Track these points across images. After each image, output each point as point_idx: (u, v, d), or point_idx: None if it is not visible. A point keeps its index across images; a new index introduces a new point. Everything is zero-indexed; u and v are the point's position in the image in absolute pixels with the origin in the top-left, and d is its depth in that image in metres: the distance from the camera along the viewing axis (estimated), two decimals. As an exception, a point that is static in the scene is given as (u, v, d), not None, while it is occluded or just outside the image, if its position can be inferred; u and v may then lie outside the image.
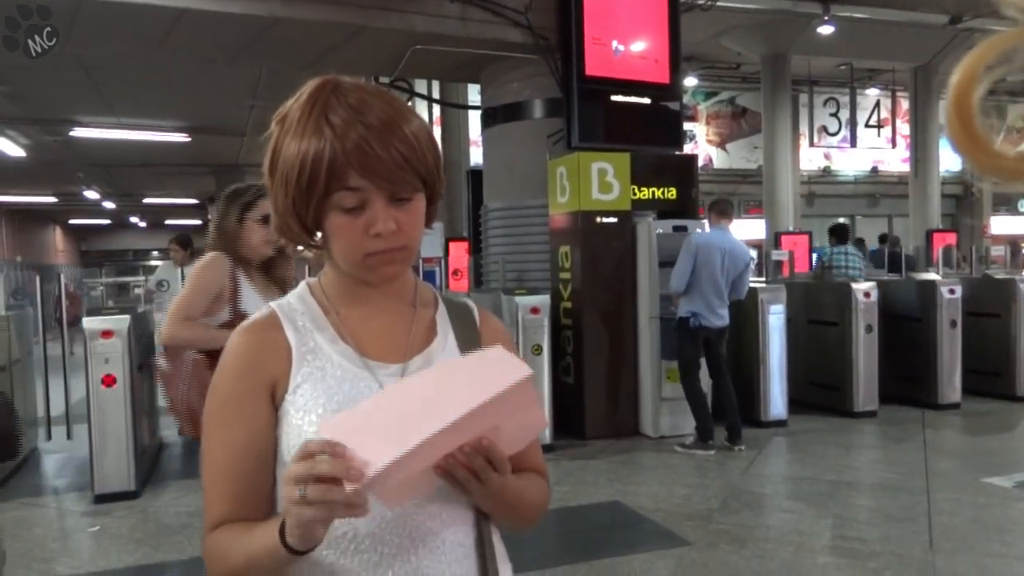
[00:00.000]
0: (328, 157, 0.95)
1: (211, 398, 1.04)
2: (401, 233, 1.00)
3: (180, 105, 10.82)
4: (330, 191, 0.96)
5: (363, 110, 0.97)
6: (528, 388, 0.87)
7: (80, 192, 19.86)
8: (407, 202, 1.00)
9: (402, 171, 0.97)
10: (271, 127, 1.04)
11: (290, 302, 1.10)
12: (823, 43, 13.15)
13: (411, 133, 0.99)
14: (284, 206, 1.01)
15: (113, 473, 5.01)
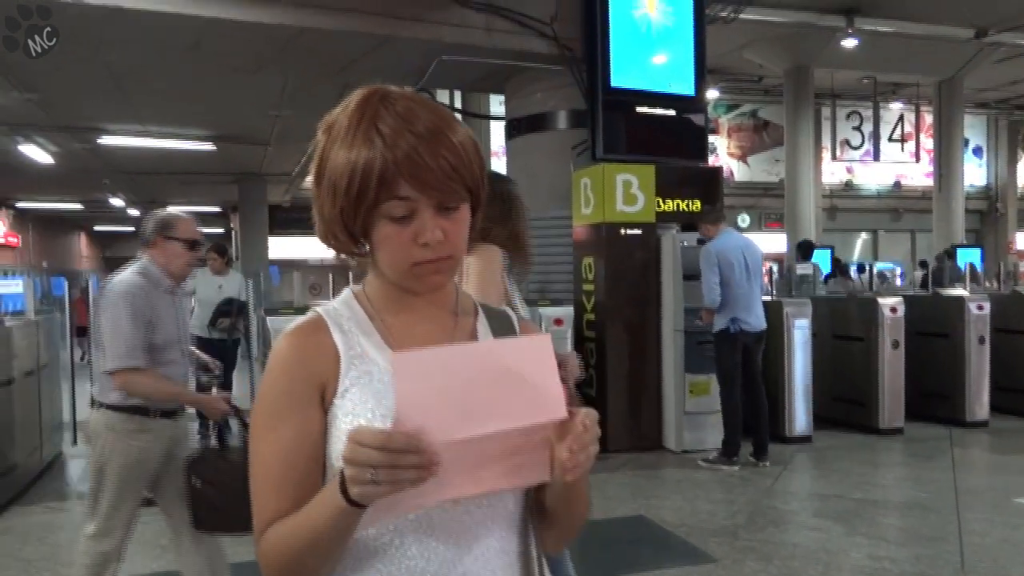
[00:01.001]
0: (379, 166, 0.95)
1: (261, 400, 1.03)
2: (448, 242, 1.00)
3: (206, 114, 10.92)
4: (379, 200, 0.97)
5: (411, 119, 0.97)
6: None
7: (106, 199, 20.09)
8: (454, 212, 1.00)
9: (450, 181, 0.98)
10: (317, 136, 1.04)
11: (335, 307, 1.10)
12: (846, 56, 13.07)
13: (458, 142, 1.00)
14: (331, 215, 1.01)
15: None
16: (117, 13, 5.47)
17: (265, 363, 1.11)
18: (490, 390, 0.84)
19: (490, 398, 0.83)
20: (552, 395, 0.86)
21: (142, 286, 2.96)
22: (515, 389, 0.84)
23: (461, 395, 0.83)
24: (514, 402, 0.85)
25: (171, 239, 3.06)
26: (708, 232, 5.86)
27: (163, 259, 3.05)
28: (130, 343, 2.85)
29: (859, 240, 22.22)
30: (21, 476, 5.45)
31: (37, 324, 5.99)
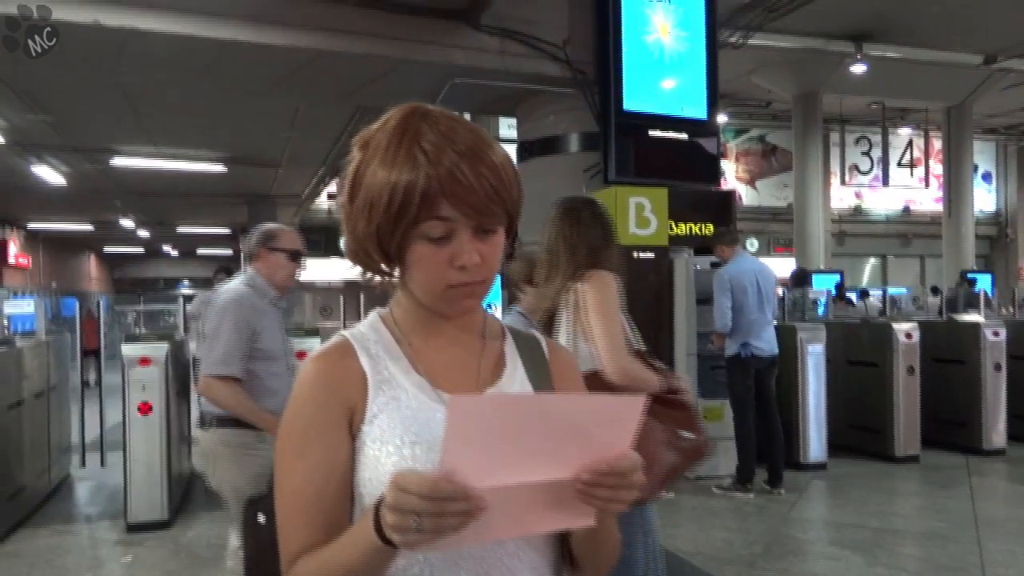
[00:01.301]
0: (421, 184, 0.93)
1: (288, 426, 1.01)
2: (484, 266, 0.98)
3: (217, 136, 10.98)
4: (419, 219, 0.95)
5: (453, 137, 0.96)
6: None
7: (116, 220, 20.19)
8: (491, 235, 0.99)
9: (491, 202, 0.96)
10: (352, 153, 1.02)
11: (362, 331, 1.08)
12: (855, 82, 13.12)
13: (499, 163, 0.98)
14: (366, 233, 0.99)
15: (146, 502, 4.99)
16: (132, 35, 5.51)
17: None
18: (549, 441, 0.81)
19: (548, 448, 0.82)
20: (617, 449, 0.84)
21: (248, 296, 2.97)
22: (579, 442, 0.83)
23: (515, 442, 0.80)
24: (573, 453, 0.83)
25: (274, 250, 3.07)
26: (723, 253, 5.82)
27: (267, 270, 3.07)
28: (228, 351, 2.84)
29: (868, 265, 22.18)
30: (29, 498, 5.41)
31: (48, 345, 5.98)
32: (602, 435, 0.84)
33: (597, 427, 0.83)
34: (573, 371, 1.17)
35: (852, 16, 10.72)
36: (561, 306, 2.54)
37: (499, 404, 0.83)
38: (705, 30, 7.02)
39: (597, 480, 0.84)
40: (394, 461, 0.95)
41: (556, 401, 0.88)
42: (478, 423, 0.79)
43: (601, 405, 0.85)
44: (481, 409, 0.80)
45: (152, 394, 4.96)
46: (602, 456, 0.83)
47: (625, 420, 0.84)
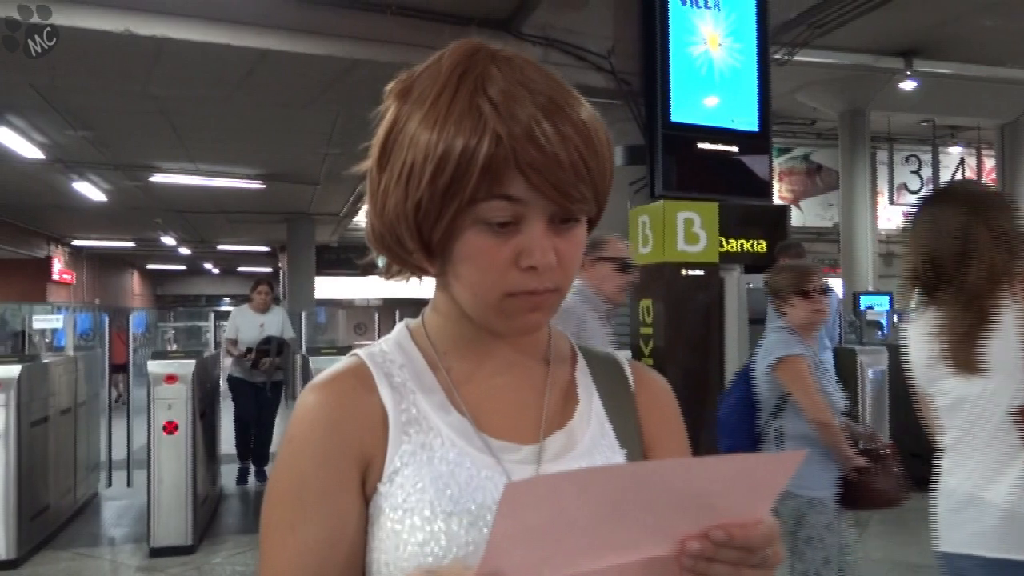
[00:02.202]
0: (486, 148, 0.66)
1: (277, 483, 0.73)
2: (559, 270, 0.71)
3: (255, 152, 10.92)
4: (476, 198, 0.67)
5: (531, 86, 0.68)
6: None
7: (157, 238, 20.37)
8: (571, 227, 0.71)
9: (579, 179, 0.68)
10: (385, 103, 0.75)
11: (384, 350, 0.80)
12: (904, 99, 12.72)
13: (589, 124, 0.70)
14: (399, 212, 0.71)
15: (170, 526, 4.79)
16: (166, 44, 5.39)
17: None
18: (650, 514, 0.57)
19: (646, 522, 0.57)
20: (747, 515, 0.58)
21: (579, 307, 2.80)
22: (694, 512, 0.57)
23: (597, 523, 0.56)
24: (683, 524, 0.58)
25: (601, 260, 2.91)
26: None
27: (595, 281, 2.91)
28: None
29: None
30: (53, 518, 5.24)
31: (76, 361, 5.84)
32: (729, 502, 0.57)
33: (725, 494, 0.57)
34: (666, 403, 0.88)
35: (901, 31, 10.37)
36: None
37: (581, 481, 0.56)
38: (756, 39, 6.73)
39: (711, 553, 0.58)
40: (421, 540, 0.68)
41: (669, 469, 0.59)
42: (548, 510, 0.53)
43: (741, 467, 0.58)
44: (554, 492, 0.54)
45: (178, 413, 4.77)
46: (723, 523, 0.58)
47: (769, 483, 0.57)
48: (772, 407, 2.88)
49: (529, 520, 0.54)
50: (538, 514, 0.54)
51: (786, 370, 2.82)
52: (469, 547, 0.68)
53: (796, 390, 2.80)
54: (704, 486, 0.56)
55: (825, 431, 2.77)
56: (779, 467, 0.57)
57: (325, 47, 5.71)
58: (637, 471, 0.58)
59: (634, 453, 0.81)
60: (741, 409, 2.95)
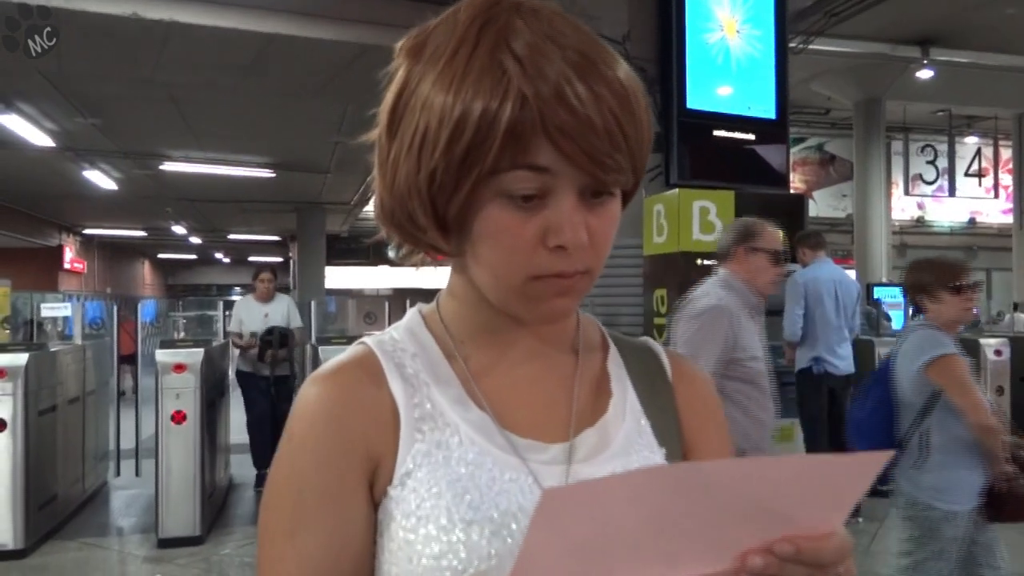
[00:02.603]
0: (509, 112, 0.57)
1: (275, 486, 0.65)
2: (591, 249, 0.62)
3: (265, 141, 10.88)
4: (499, 168, 0.59)
5: (560, 41, 0.60)
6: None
7: (168, 227, 20.39)
8: (605, 201, 0.63)
9: (614, 147, 0.59)
10: (395, 61, 0.67)
11: (394, 337, 0.72)
12: (920, 88, 12.61)
13: (626, 83, 0.61)
14: (410, 184, 0.63)
15: (179, 517, 4.74)
16: (173, 29, 5.32)
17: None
18: (705, 523, 0.49)
19: (701, 532, 0.50)
20: (819, 526, 0.50)
21: (729, 301, 2.62)
22: (757, 521, 0.50)
23: (644, 531, 0.49)
24: (743, 536, 0.50)
25: (756, 250, 2.73)
26: (804, 257, 5.39)
27: (746, 273, 2.71)
28: (698, 361, 2.50)
29: (931, 279, 21.39)
30: (61, 507, 5.21)
31: (84, 349, 5.80)
32: (798, 510, 0.49)
33: (793, 500, 0.49)
34: (708, 397, 0.79)
35: (919, 19, 10.23)
36: None
37: (627, 486, 0.48)
38: (775, 25, 6.61)
39: (775, 569, 0.50)
40: (437, 552, 0.60)
41: (729, 471, 0.50)
42: (589, 518, 0.46)
43: (814, 469, 0.50)
44: (596, 498, 0.47)
45: (186, 402, 4.72)
46: (789, 535, 0.50)
47: (847, 488, 0.49)
48: (918, 410, 2.69)
49: (567, 530, 0.47)
50: (578, 523, 0.47)
51: (943, 370, 2.62)
52: (492, 560, 0.60)
53: (955, 392, 2.61)
54: (770, 491, 0.48)
55: (988, 436, 2.57)
56: (860, 469, 0.49)
57: (334, 32, 5.62)
58: (692, 473, 0.49)
59: (673, 452, 0.73)
60: (880, 412, 2.75)
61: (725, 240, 2.66)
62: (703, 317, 2.48)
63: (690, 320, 2.51)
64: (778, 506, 0.49)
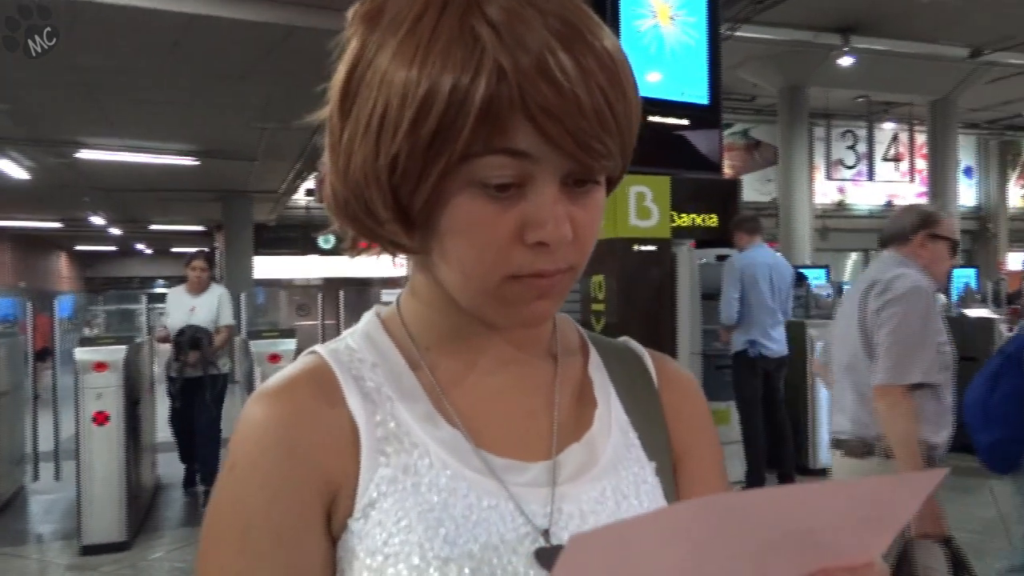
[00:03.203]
0: (484, 88, 0.50)
1: (219, 524, 0.56)
2: (576, 244, 0.56)
3: (188, 127, 10.49)
4: (470, 152, 0.51)
5: (541, 7, 0.52)
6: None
7: (86, 218, 19.58)
8: (589, 190, 0.56)
9: (603, 128, 0.52)
10: (348, 28, 0.58)
11: (350, 346, 0.63)
12: (841, 75, 13.00)
13: (614, 55, 0.54)
14: (368, 171, 0.55)
15: (102, 522, 4.52)
16: (88, 7, 5.03)
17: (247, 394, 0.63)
18: (743, 557, 0.44)
19: (737, 568, 0.45)
20: (857, 556, 0.46)
21: (925, 281, 2.39)
22: (794, 551, 0.45)
23: (680, 571, 0.43)
24: (778, 569, 0.45)
25: (937, 238, 2.50)
26: (741, 241, 5.46)
27: (925, 259, 2.49)
28: (913, 352, 2.27)
29: (850, 260, 22.10)
30: (-26, 516, 4.92)
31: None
32: (837, 538, 0.44)
33: (833, 528, 0.44)
34: (697, 403, 0.73)
35: (840, 7, 10.54)
36: None
37: (659, 523, 0.42)
38: (707, 11, 6.66)
39: None
40: None
41: (768, 500, 0.44)
42: (618, 562, 0.41)
43: (858, 494, 0.44)
44: (626, 540, 0.41)
45: (108, 403, 4.50)
46: (826, 566, 0.46)
47: (893, 512, 0.44)
48: None
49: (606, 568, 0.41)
50: (607, 568, 0.41)
51: None
52: None
53: None
54: (810, 520, 0.43)
55: None
56: (910, 491, 0.44)
57: (259, 12, 5.41)
58: (727, 506, 0.43)
59: (663, 465, 0.67)
60: (1015, 399, 2.61)
61: (902, 224, 2.54)
62: (909, 299, 2.33)
63: (893, 303, 2.34)
64: (819, 535, 0.44)
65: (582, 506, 0.60)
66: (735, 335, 5.39)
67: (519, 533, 0.56)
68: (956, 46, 12.03)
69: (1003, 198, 21.99)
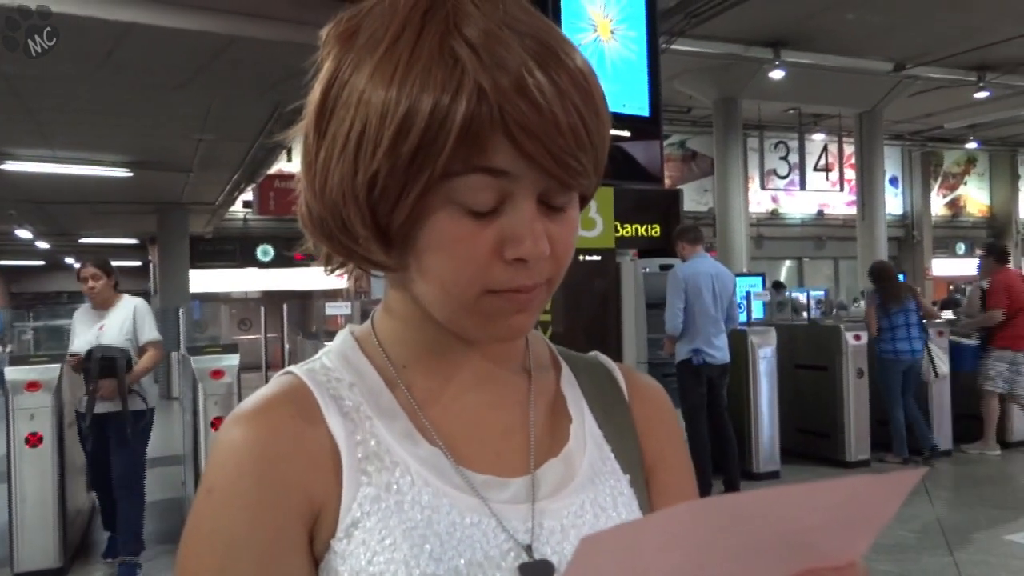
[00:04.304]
0: (464, 108, 0.50)
1: (197, 549, 0.55)
2: (552, 259, 0.57)
3: (122, 137, 10.17)
4: (450, 171, 0.52)
5: (515, 25, 0.53)
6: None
7: (11, 231, 18.82)
8: (563, 207, 0.58)
9: (579, 146, 0.54)
10: (322, 48, 0.58)
11: (326, 365, 0.63)
12: (773, 88, 13.37)
13: (586, 73, 0.57)
14: (345, 190, 0.55)
15: (36, 547, 4.35)
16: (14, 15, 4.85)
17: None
18: (739, 558, 0.46)
19: (732, 569, 0.46)
20: (839, 556, 0.48)
21: None
22: (779, 552, 0.47)
23: (683, 570, 0.45)
24: (768, 569, 0.47)
25: None
26: (684, 251, 5.55)
27: None
28: None
29: (784, 267, 22.67)
30: None
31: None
32: (824, 538, 0.47)
33: (821, 528, 0.46)
34: (666, 414, 0.75)
35: (771, 22, 10.85)
36: None
37: (664, 524, 0.44)
38: (646, 24, 6.78)
39: None
40: None
41: (766, 501, 0.45)
42: (625, 564, 0.43)
43: (846, 493, 0.46)
44: (634, 541, 0.43)
45: (42, 423, 4.33)
46: (812, 566, 0.48)
47: (876, 512, 0.47)
48: None
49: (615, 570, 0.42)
50: (616, 569, 0.42)
51: None
52: None
53: None
54: (799, 520, 0.45)
55: None
56: (890, 491, 0.46)
57: (199, 22, 5.29)
58: (726, 507, 0.45)
59: (636, 478, 0.69)
60: None
61: None
62: None
63: None
64: (807, 536, 0.45)
65: (562, 521, 0.61)
66: (679, 344, 5.47)
67: (502, 549, 0.57)
68: (881, 60, 12.49)
69: (927, 207, 22.86)
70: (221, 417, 4.50)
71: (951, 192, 23.60)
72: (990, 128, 19.08)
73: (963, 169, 23.47)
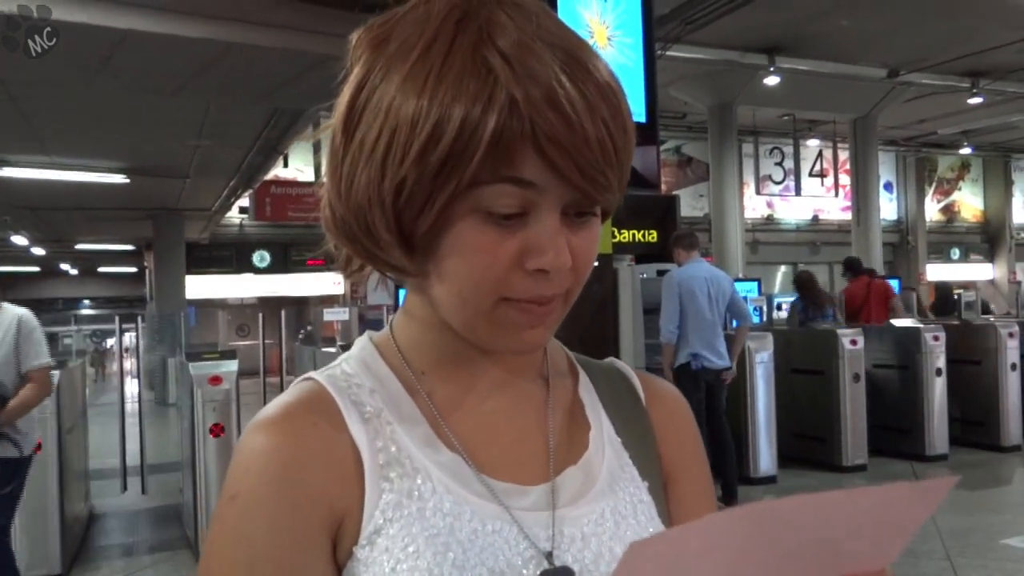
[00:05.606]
0: (495, 119, 0.51)
1: (220, 558, 0.56)
2: (572, 271, 0.58)
3: (118, 143, 10.17)
4: (479, 180, 0.53)
5: (548, 38, 0.54)
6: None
7: (7, 237, 18.77)
8: (586, 220, 0.58)
9: (606, 160, 0.55)
10: (353, 55, 0.59)
11: (346, 371, 0.64)
12: (768, 94, 13.42)
13: (614, 86, 0.56)
14: (371, 194, 0.56)
15: (37, 553, 4.35)
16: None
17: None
18: (774, 566, 0.47)
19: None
20: (878, 558, 0.49)
21: None
22: (818, 559, 0.47)
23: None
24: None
25: None
26: (679, 257, 5.57)
27: None
28: None
29: (779, 273, 22.71)
30: None
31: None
32: (857, 546, 0.47)
33: (854, 536, 0.47)
34: (685, 420, 0.75)
35: (766, 29, 10.89)
36: None
37: (706, 531, 0.44)
38: (643, 31, 6.79)
39: None
40: None
41: (803, 508, 0.46)
42: (668, 570, 0.44)
43: (880, 500, 0.47)
44: (677, 548, 0.44)
45: (42, 430, 4.31)
46: (844, 574, 0.48)
47: (907, 519, 0.47)
48: None
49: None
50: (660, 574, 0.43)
51: None
52: None
53: None
54: (836, 527, 0.46)
55: None
56: (923, 499, 0.47)
57: (196, 29, 5.30)
58: (766, 514, 0.46)
59: (655, 485, 0.69)
60: None
61: None
62: None
63: None
64: (842, 543, 0.46)
65: (583, 528, 0.61)
66: (678, 348, 5.48)
67: (524, 557, 0.58)
68: (875, 67, 12.53)
69: (921, 212, 22.93)
70: (219, 423, 4.50)
71: (945, 197, 23.68)
72: (983, 134, 19.16)
73: (957, 174, 23.56)
